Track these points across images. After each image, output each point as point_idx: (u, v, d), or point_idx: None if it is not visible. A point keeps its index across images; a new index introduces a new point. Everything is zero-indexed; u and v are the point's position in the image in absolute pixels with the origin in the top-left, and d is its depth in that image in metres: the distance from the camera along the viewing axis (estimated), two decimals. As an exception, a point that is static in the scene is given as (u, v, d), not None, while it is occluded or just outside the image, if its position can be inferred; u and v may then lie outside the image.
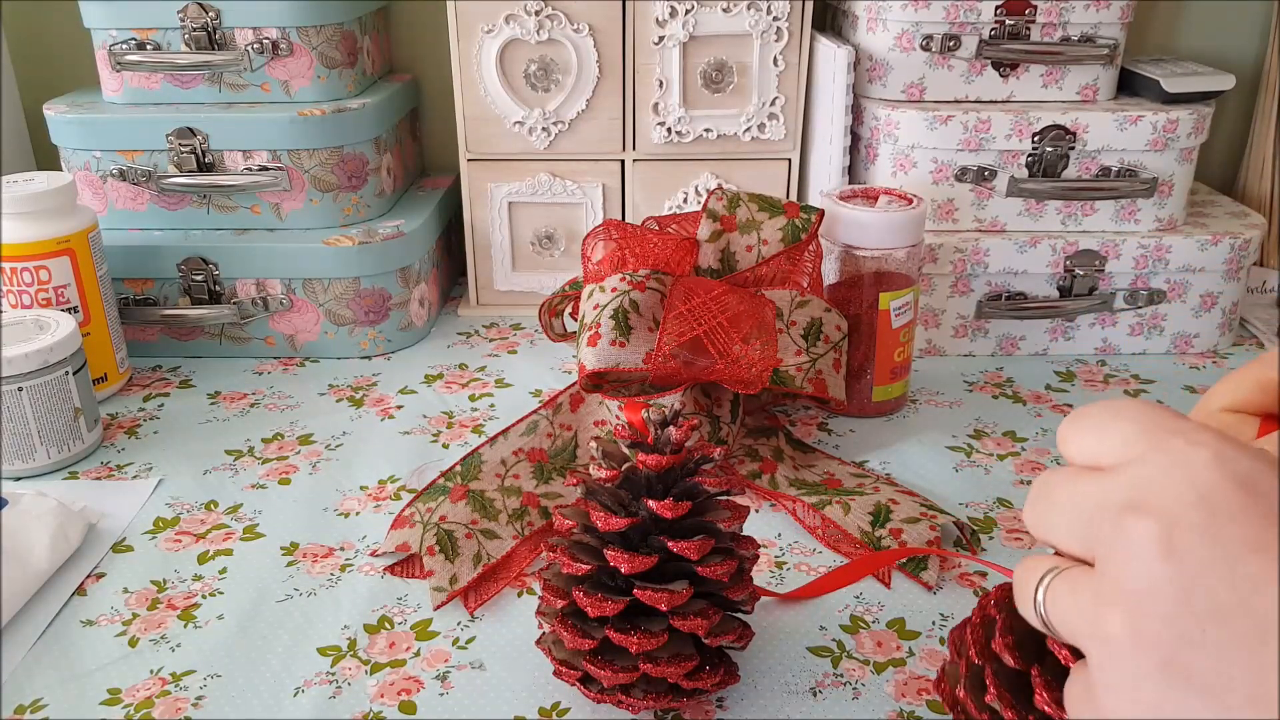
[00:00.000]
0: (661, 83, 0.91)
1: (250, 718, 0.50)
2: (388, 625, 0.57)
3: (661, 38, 0.89)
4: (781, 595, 0.58)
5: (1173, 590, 0.27)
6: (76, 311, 0.79)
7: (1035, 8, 0.84)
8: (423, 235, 0.93)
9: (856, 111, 0.88)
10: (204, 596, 0.59)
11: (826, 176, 0.89)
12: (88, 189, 0.90)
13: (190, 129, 0.87)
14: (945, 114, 0.83)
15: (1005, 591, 0.44)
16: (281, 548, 0.64)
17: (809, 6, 0.89)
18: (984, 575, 0.60)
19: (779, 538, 0.64)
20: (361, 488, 0.70)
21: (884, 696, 0.51)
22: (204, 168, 0.88)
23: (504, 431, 0.70)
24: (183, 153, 0.88)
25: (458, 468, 0.68)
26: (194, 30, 0.87)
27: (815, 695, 0.51)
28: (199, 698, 0.52)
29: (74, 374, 0.71)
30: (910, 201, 0.76)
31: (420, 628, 0.56)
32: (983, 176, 0.85)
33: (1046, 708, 0.38)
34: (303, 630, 0.56)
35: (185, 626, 0.57)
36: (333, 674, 0.53)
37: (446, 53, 1.02)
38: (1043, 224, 0.87)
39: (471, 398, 0.82)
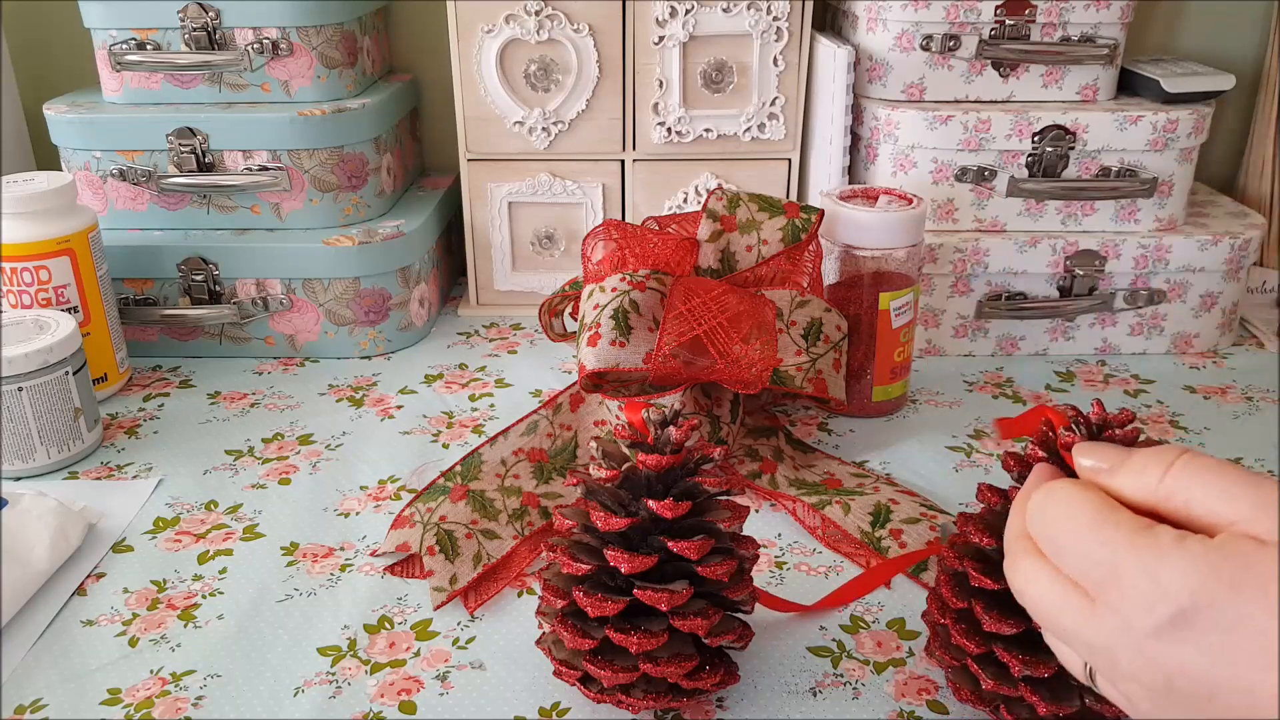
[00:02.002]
0: (661, 83, 0.91)
1: (250, 718, 0.50)
2: (388, 625, 0.57)
3: (661, 38, 0.89)
4: (804, 608, 0.57)
5: None
6: (76, 311, 0.79)
7: (1035, 8, 0.84)
8: (423, 235, 0.93)
9: (856, 111, 0.88)
10: (204, 596, 0.59)
11: (826, 176, 0.89)
12: (88, 189, 0.90)
13: (190, 129, 0.87)
14: (945, 114, 0.83)
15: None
16: (281, 548, 0.64)
17: (809, 6, 0.89)
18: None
19: (779, 538, 0.64)
20: (361, 488, 0.70)
21: (884, 696, 0.51)
22: (204, 168, 0.88)
23: (504, 431, 0.70)
24: (183, 153, 0.88)
25: (458, 468, 0.68)
26: (194, 30, 0.87)
27: (815, 695, 0.51)
28: (199, 698, 0.52)
29: (74, 374, 0.71)
30: (910, 201, 0.76)
31: (420, 628, 0.56)
32: (983, 176, 0.85)
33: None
34: (303, 630, 0.56)
35: (185, 626, 0.57)
36: (333, 674, 0.53)
37: (446, 53, 1.02)
38: (1043, 224, 0.87)
39: (471, 398, 0.82)
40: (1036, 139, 0.84)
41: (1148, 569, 0.30)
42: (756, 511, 0.67)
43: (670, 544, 0.46)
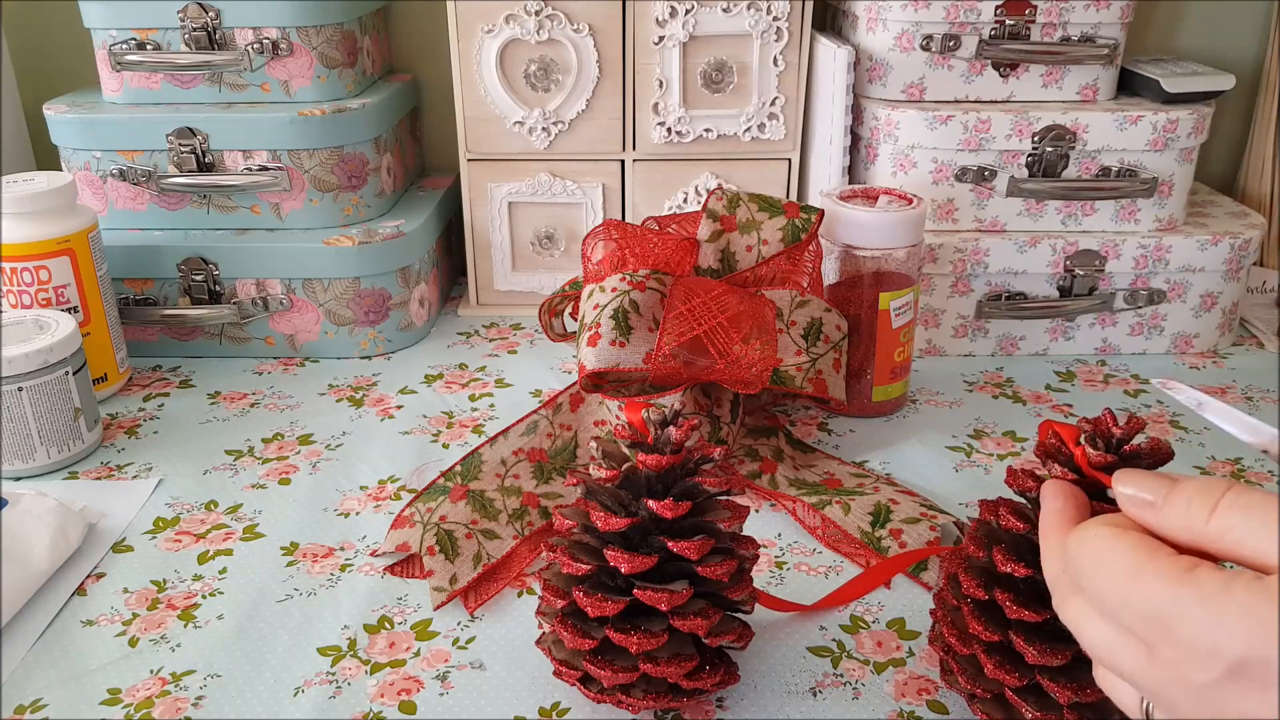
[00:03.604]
0: (661, 83, 0.91)
1: (250, 718, 0.50)
2: (388, 625, 0.57)
3: (661, 38, 0.89)
4: (804, 608, 0.57)
5: None
6: (76, 311, 0.79)
7: (1035, 8, 0.84)
8: (423, 235, 0.93)
9: (856, 111, 0.88)
10: (204, 596, 0.59)
11: (826, 176, 0.89)
12: (88, 189, 0.90)
13: (190, 129, 0.87)
14: (945, 114, 0.83)
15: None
16: (281, 548, 0.64)
17: (809, 6, 0.89)
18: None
19: (779, 538, 0.64)
20: (361, 488, 0.70)
21: (884, 696, 0.51)
22: (204, 168, 0.88)
23: (504, 431, 0.70)
24: (183, 153, 0.88)
25: (458, 468, 0.68)
26: (194, 30, 0.87)
27: (815, 695, 0.51)
28: (199, 698, 0.52)
29: (74, 374, 0.71)
30: (910, 201, 0.76)
31: (420, 628, 0.56)
32: (983, 176, 0.85)
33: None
34: (303, 630, 0.56)
35: (185, 626, 0.57)
36: (333, 674, 0.53)
37: (446, 53, 1.02)
38: (1043, 224, 0.87)
39: (471, 398, 0.82)
40: (1036, 139, 0.84)
41: (1197, 623, 0.30)
42: (756, 511, 0.67)
43: (670, 544, 0.46)
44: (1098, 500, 0.40)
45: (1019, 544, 0.46)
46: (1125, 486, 0.35)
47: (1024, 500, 0.47)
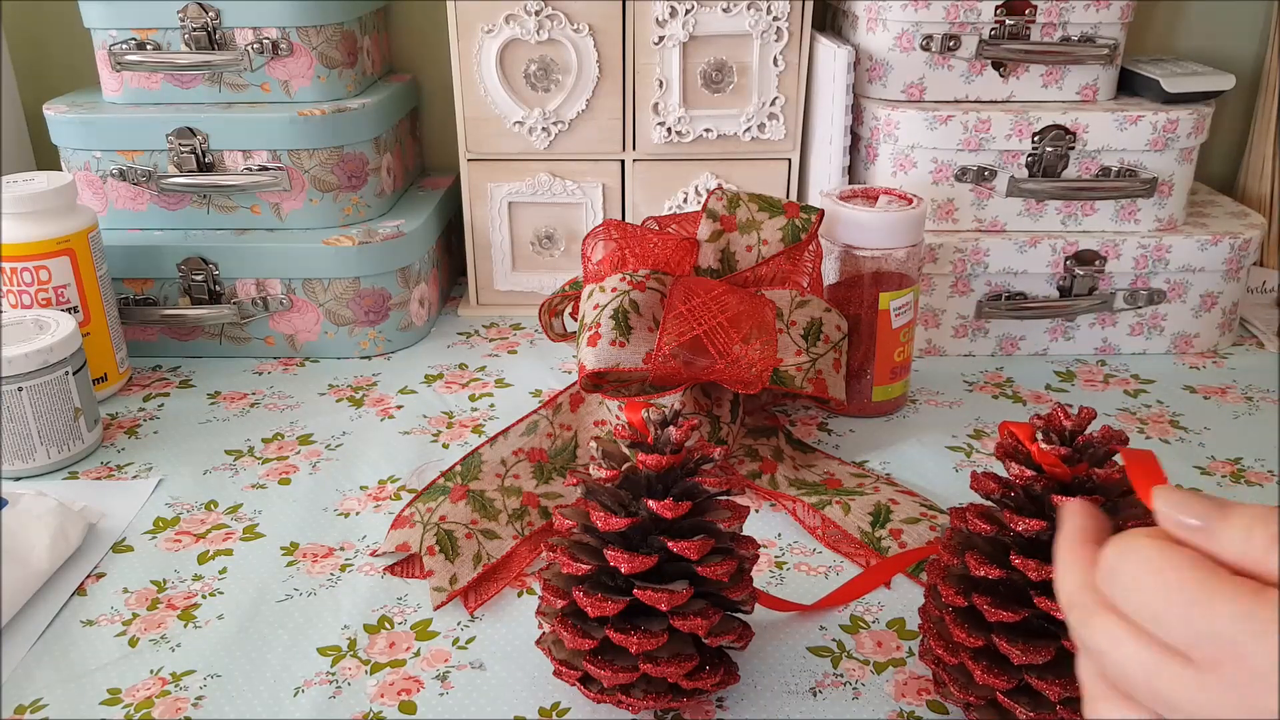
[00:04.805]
0: (661, 83, 0.91)
1: (250, 718, 0.50)
2: (388, 625, 0.57)
3: (661, 38, 0.89)
4: (804, 608, 0.57)
5: None
6: (76, 311, 0.79)
7: (1035, 8, 0.84)
8: (423, 235, 0.93)
9: (856, 111, 0.88)
10: (204, 596, 0.59)
11: (826, 176, 0.89)
12: (88, 189, 0.90)
13: (190, 129, 0.87)
14: (945, 114, 0.83)
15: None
16: (281, 548, 0.64)
17: (809, 6, 0.89)
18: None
19: (779, 538, 0.64)
20: (361, 488, 0.70)
21: (884, 696, 0.51)
22: (204, 168, 0.88)
23: (504, 431, 0.70)
24: (183, 153, 0.88)
25: (458, 468, 0.68)
26: (194, 30, 0.87)
27: (815, 695, 0.51)
28: (199, 698, 0.52)
29: (74, 374, 0.71)
30: (910, 201, 0.76)
31: (420, 628, 0.56)
32: (983, 176, 0.85)
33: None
34: (303, 630, 0.56)
35: (185, 626, 0.57)
36: (333, 674, 0.53)
37: (446, 53, 1.02)
38: (1043, 224, 0.87)
39: (471, 398, 0.82)
40: (1036, 139, 0.84)
41: (1274, 652, 0.28)
42: (756, 511, 0.67)
43: (670, 544, 0.46)
44: (1056, 495, 0.41)
45: (990, 546, 0.46)
46: (1167, 506, 0.33)
47: (989, 503, 0.47)
